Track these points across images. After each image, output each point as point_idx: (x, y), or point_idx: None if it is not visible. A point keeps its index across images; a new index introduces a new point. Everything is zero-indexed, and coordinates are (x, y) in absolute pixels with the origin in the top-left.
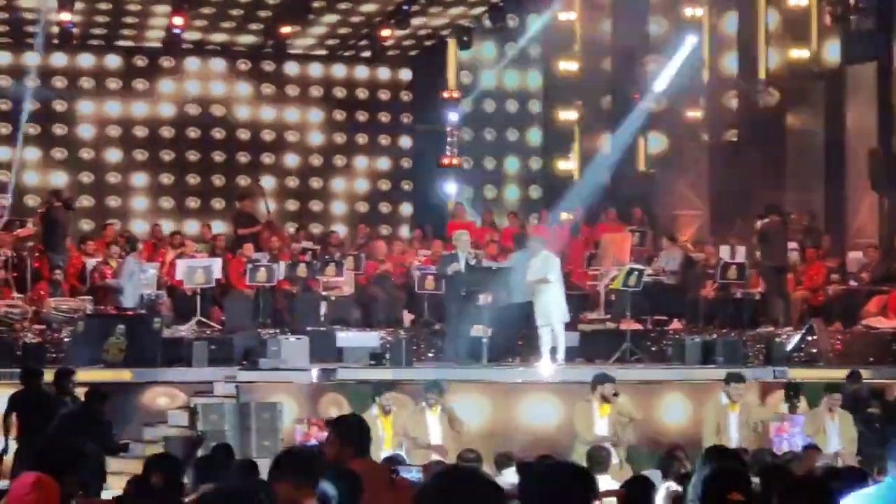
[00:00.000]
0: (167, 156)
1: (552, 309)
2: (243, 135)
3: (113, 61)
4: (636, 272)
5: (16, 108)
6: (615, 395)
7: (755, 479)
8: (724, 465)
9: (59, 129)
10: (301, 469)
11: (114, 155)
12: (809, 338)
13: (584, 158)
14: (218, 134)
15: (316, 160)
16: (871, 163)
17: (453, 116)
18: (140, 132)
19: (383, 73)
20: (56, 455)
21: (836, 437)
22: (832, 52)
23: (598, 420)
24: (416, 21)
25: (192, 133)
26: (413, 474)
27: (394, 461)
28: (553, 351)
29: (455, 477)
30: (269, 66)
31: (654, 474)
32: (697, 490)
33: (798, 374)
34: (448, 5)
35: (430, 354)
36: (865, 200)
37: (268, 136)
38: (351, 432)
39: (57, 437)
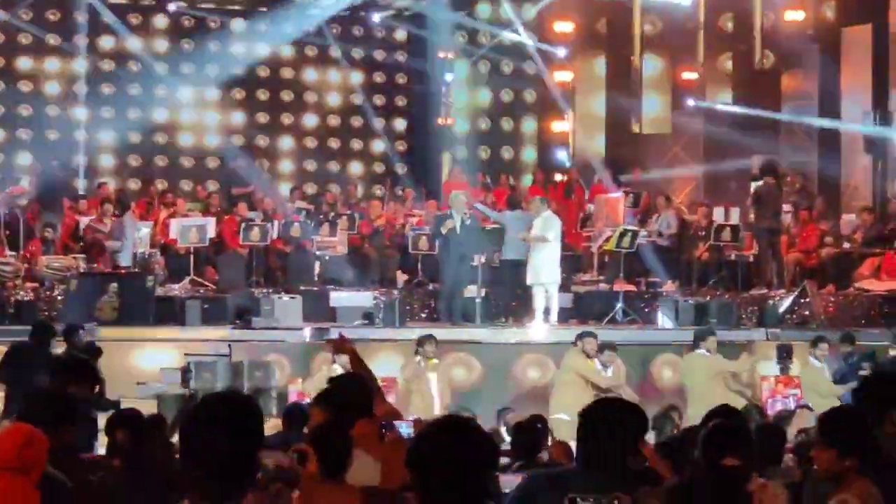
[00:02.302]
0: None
1: (544, 269)
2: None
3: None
4: (630, 233)
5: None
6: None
7: None
8: (719, 425)
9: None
10: None
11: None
12: (802, 300)
13: (580, 120)
14: None
15: (310, 121)
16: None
17: (448, 77)
18: (134, 90)
19: (379, 32)
20: (49, 407)
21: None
22: (828, 13)
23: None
24: None
25: None
26: (404, 429)
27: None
28: (546, 311)
29: (448, 425)
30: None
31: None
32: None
33: (790, 336)
34: None
35: (423, 314)
36: (859, 163)
37: (262, 95)
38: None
39: (50, 389)
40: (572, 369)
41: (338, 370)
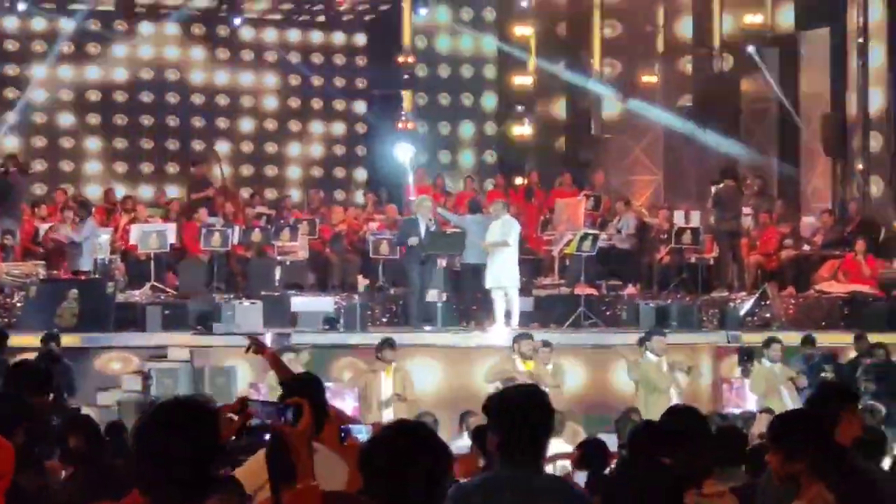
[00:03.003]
0: (120, 120)
1: (504, 273)
2: (198, 99)
3: (67, 24)
4: (590, 237)
5: None
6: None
7: None
8: (650, 423)
9: (10, 94)
10: None
11: (67, 119)
12: (763, 302)
13: (540, 123)
14: (172, 98)
15: (271, 125)
16: (824, 128)
17: (408, 81)
18: (93, 96)
19: (338, 37)
20: (5, 411)
21: (788, 392)
22: (786, 17)
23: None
24: None
25: (146, 97)
26: (363, 434)
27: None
28: (507, 315)
29: (402, 429)
30: (223, 31)
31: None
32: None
33: (751, 338)
34: None
35: (385, 319)
36: (818, 165)
37: (222, 100)
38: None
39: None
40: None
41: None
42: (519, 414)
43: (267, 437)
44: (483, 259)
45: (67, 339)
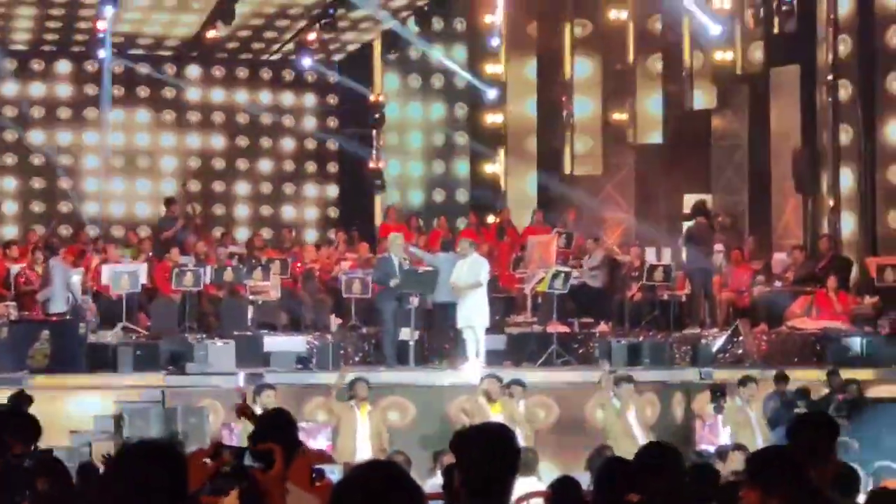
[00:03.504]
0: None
1: (474, 312)
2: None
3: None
4: (562, 274)
5: None
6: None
7: None
8: (614, 459)
9: None
10: None
11: (38, 161)
12: (735, 339)
13: (512, 161)
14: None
15: (242, 164)
16: (794, 164)
17: (379, 120)
18: (65, 135)
19: (308, 77)
20: None
21: (760, 430)
22: (756, 54)
23: (493, 416)
24: (341, 24)
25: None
26: (336, 474)
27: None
28: (477, 353)
29: (372, 469)
30: (195, 71)
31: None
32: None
33: (724, 375)
34: (374, 8)
35: (357, 358)
36: (790, 201)
37: (193, 141)
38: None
39: None
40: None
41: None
42: (483, 452)
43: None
44: (455, 297)
45: (40, 380)
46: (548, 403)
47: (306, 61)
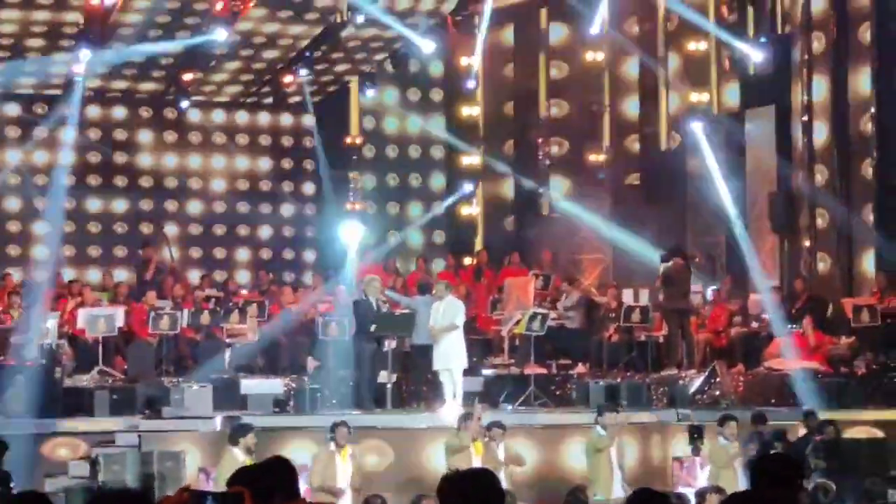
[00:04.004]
0: (68, 204)
1: (452, 354)
2: (146, 182)
3: (12, 109)
4: (539, 316)
5: None
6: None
7: None
8: None
9: None
10: None
11: (13, 203)
12: (712, 380)
13: (488, 203)
14: (120, 181)
15: (219, 207)
16: (770, 205)
17: (356, 162)
18: (40, 180)
19: (286, 119)
20: None
21: (742, 472)
22: (731, 95)
23: (474, 458)
24: (318, 67)
25: (94, 180)
26: None
27: None
28: (454, 395)
29: None
30: (171, 114)
31: None
32: None
33: (701, 416)
34: (351, 51)
35: (335, 401)
36: (766, 242)
37: (171, 183)
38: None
39: None
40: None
41: (240, 457)
42: (468, 496)
43: None
44: (430, 339)
45: (15, 426)
46: (525, 445)
47: (282, 103)
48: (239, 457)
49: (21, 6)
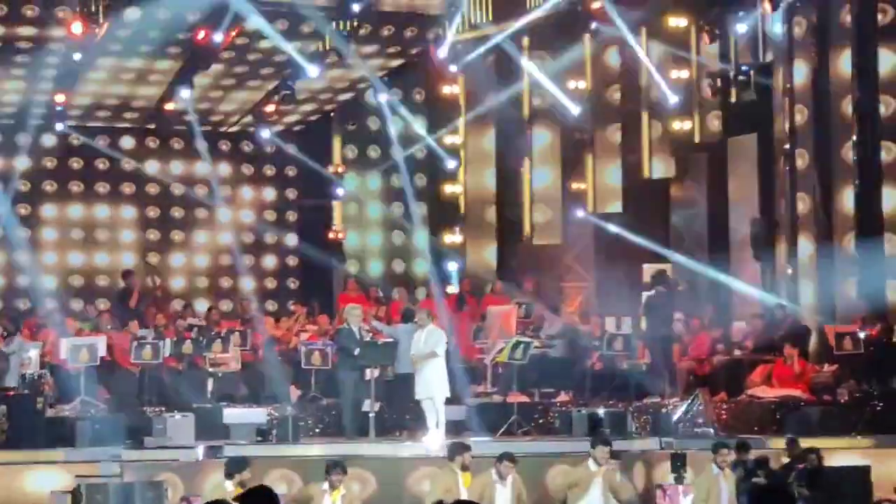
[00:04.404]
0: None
1: (434, 383)
2: (128, 212)
3: None
4: (522, 345)
5: None
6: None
7: None
8: None
9: None
10: None
11: None
12: (695, 408)
13: (472, 231)
14: (103, 211)
15: (200, 237)
16: (752, 232)
17: (339, 191)
18: (23, 210)
19: (268, 148)
20: None
21: (727, 499)
22: (713, 123)
23: (462, 489)
24: (300, 96)
25: (77, 210)
26: None
27: None
28: (437, 424)
29: None
30: (153, 143)
31: None
32: None
33: (684, 444)
34: (333, 80)
35: (318, 430)
36: (748, 269)
37: (153, 213)
38: None
39: None
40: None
41: (229, 487)
42: None
43: None
44: (413, 368)
45: None
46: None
47: (265, 133)
48: (229, 489)
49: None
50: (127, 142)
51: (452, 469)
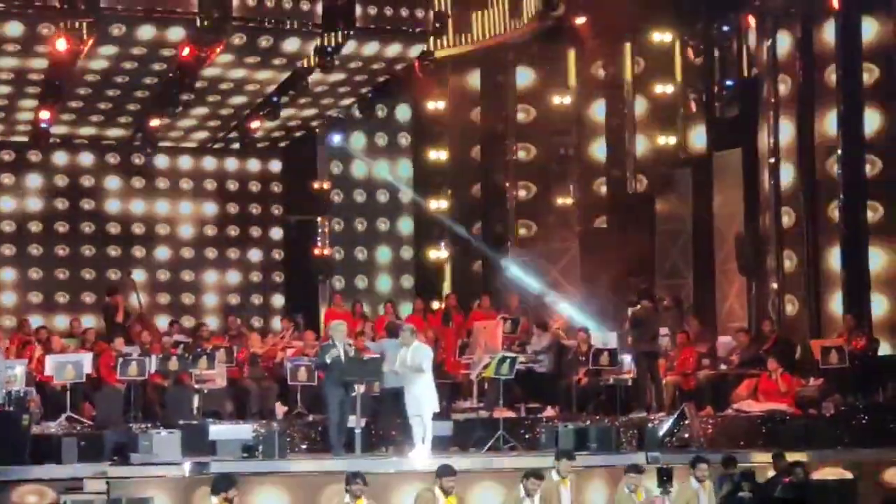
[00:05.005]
0: (35, 250)
1: (423, 399)
2: (113, 229)
3: None
4: (508, 360)
5: None
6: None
7: None
8: None
9: None
10: None
11: None
12: (681, 422)
13: (455, 247)
14: (87, 228)
15: (187, 253)
16: (737, 247)
17: (324, 207)
18: (7, 227)
19: (253, 164)
20: None
21: None
22: (698, 139)
23: None
24: (285, 112)
25: (61, 227)
26: None
27: None
28: (423, 440)
29: None
30: (138, 160)
31: None
32: None
33: (671, 459)
34: (317, 96)
35: (304, 446)
36: (733, 284)
37: (138, 229)
38: None
39: None
40: None
41: None
42: None
43: None
44: (399, 383)
45: None
46: (492, 489)
47: (249, 149)
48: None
49: None
50: (111, 159)
51: (432, 490)
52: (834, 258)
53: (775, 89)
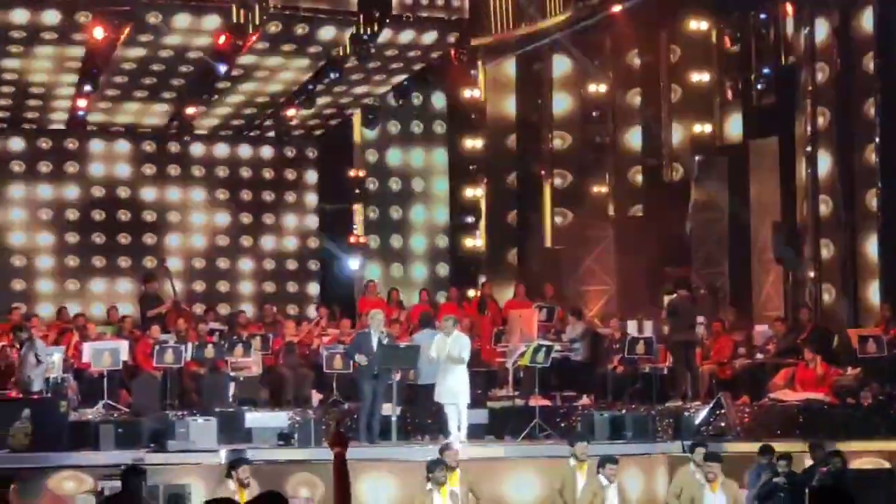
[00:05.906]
0: (72, 238)
1: (458, 389)
2: (149, 216)
3: (16, 144)
4: (544, 348)
5: None
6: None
7: None
8: None
9: None
10: None
11: (18, 238)
12: (717, 412)
13: (491, 235)
14: (124, 216)
15: (222, 241)
16: (775, 236)
17: (359, 195)
18: (45, 215)
19: (288, 152)
20: None
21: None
22: (734, 127)
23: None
24: (321, 100)
25: (98, 215)
26: None
27: None
28: (459, 428)
29: None
30: (174, 147)
31: None
32: None
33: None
34: (353, 84)
35: None
36: (770, 273)
37: (174, 217)
38: None
39: None
40: None
41: (231, 486)
42: None
43: None
44: (433, 378)
45: (21, 460)
46: (531, 477)
47: (286, 137)
48: (231, 488)
49: (25, 41)
50: (147, 147)
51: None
52: (871, 247)
53: (812, 77)
